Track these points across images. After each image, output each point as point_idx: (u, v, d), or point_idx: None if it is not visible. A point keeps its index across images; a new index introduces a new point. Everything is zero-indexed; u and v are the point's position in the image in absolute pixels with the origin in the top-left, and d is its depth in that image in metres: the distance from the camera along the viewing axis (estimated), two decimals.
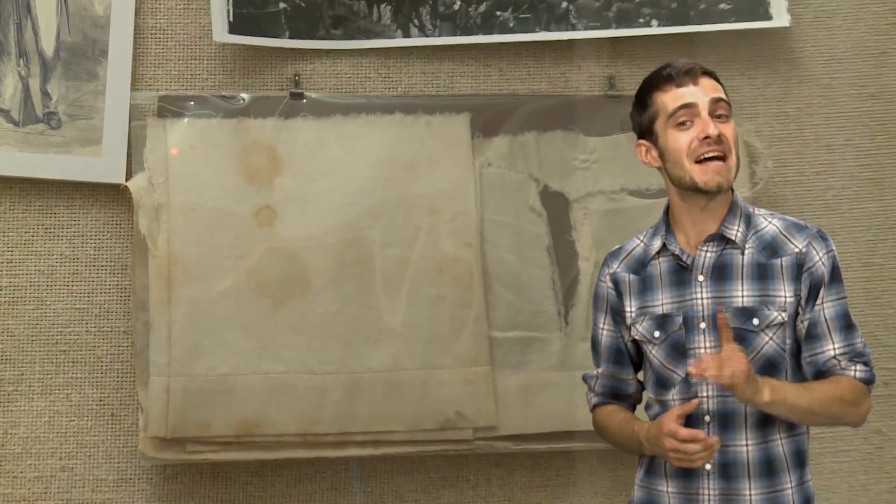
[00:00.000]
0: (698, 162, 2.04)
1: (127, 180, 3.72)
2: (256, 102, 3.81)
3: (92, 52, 3.73)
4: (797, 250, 2.08)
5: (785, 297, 2.08)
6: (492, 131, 3.83)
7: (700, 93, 2.06)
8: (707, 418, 2.08)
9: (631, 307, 2.20)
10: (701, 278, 2.11)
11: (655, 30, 3.82)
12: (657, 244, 2.17)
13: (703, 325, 2.09)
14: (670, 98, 2.08)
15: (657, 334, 2.14)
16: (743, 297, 2.08)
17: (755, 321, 2.07)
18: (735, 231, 2.09)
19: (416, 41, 3.83)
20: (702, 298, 2.11)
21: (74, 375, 3.82)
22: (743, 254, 2.08)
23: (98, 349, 3.82)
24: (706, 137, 2.02)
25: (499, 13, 3.80)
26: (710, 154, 2.03)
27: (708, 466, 2.10)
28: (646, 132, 2.16)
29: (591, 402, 2.37)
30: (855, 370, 2.08)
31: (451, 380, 3.73)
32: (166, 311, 3.64)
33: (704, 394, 2.08)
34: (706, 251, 2.11)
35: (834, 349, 2.07)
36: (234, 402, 3.64)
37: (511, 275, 3.77)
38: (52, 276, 3.81)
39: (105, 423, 3.80)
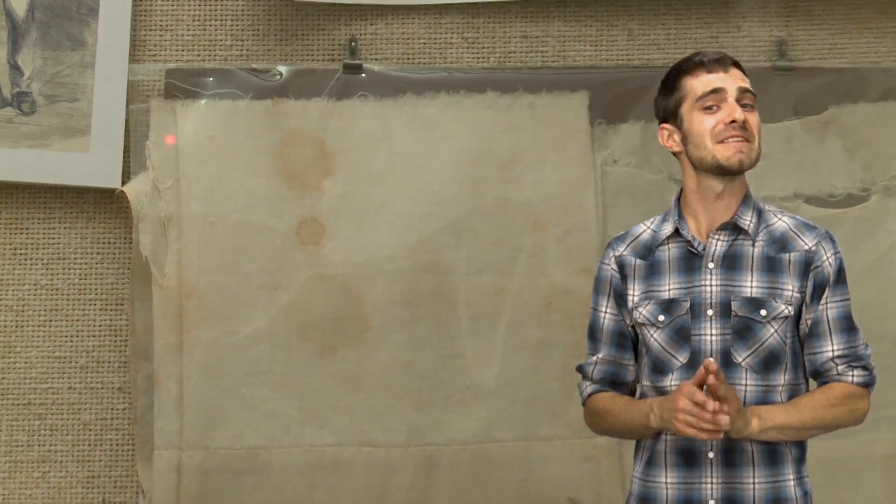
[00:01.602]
0: (721, 142, 2.37)
1: (123, 184, 3.63)
2: (298, 78, 3.70)
3: (77, 10, 3.63)
4: (806, 247, 2.41)
5: (792, 291, 2.40)
6: (618, 116, 3.69)
7: (729, 80, 2.40)
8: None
9: (634, 291, 2.50)
10: (711, 266, 2.41)
11: None
12: (668, 229, 2.48)
13: (710, 312, 2.40)
14: (700, 83, 2.41)
15: (661, 318, 2.43)
16: (752, 287, 2.39)
17: (763, 312, 2.38)
18: (748, 221, 2.42)
19: None
20: (711, 286, 2.41)
21: (53, 447, 3.68)
22: (754, 245, 2.41)
23: (84, 412, 3.69)
24: (732, 122, 2.36)
25: None
26: (734, 138, 2.37)
27: (711, 455, 2.37)
28: (670, 116, 2.48)
29: (586, 392, 2.60)
30: (853, 375, 2.39)
31: (562, 455, 3.60)
32: (177, 360, 3.56)
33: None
34: (718, 239, 2.42)
35: (833, 351, 2.40)
36: (269, 485, 3.55)
37: None
38: (24, 314, 3.69)
39: None
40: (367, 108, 3.69)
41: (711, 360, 2.29)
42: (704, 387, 2.30)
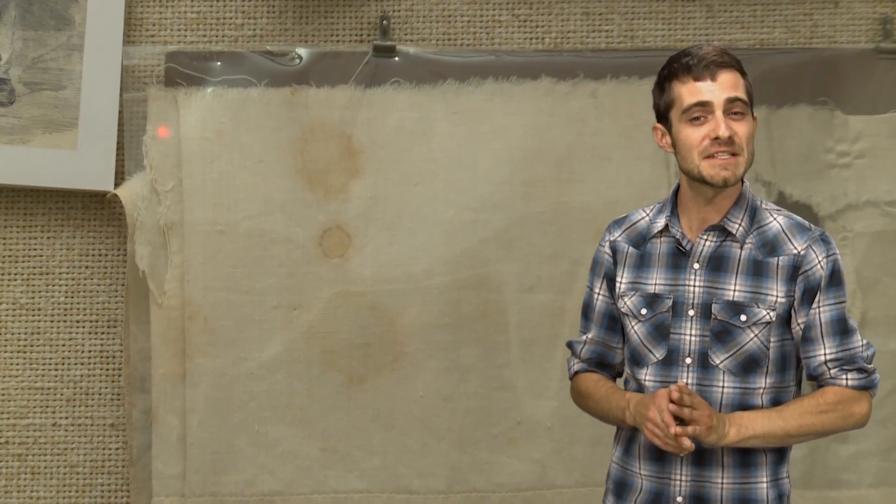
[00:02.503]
0: (707, 157, 2.58)
1: (117, 186, 3.61)
2: (321, 62, 3.69)
3: None
4: (795, 252, 2.61)
5: (777, 296, 2.60)
6: None
7: (717, 90, 2.57)
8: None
9: (622, 278, 2.75)
10: (696, 266, 2.64)
11: None
12: (660, 224, 2.71)
13: (691, 312, 2.63)
14: (687, 91, 2.59)
15: (644, 311, 2.68)
16: (735, 290, 2.60)
17: (743, 317, 2.59)
18: (737, 225, 2.63)
19: None
20: (694, 286, 2.63)
21: (35, 493, 3.66)
22: (742, 248, 2.63)
23: (71, 452, 3.68)
24: (716, 138, 2.55)
25: None
26: (720, 153, 2.57)
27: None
28: (661, 117, 2.68)
29: (574, 369, 2.86)
30: (847, 378, 2.58)
31: None
32: (179, 392, 3.56)
33: (681, 381, 2.62)
34: (706, 240, 2.64)
35: (825, 354, 2.59)
36: None
37: None
38: (0, 338, 3.67)
39: None
40: (401, 97, 3.66)
41: (674, 387, 2.49)
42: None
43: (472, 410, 3.59)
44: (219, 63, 3.64)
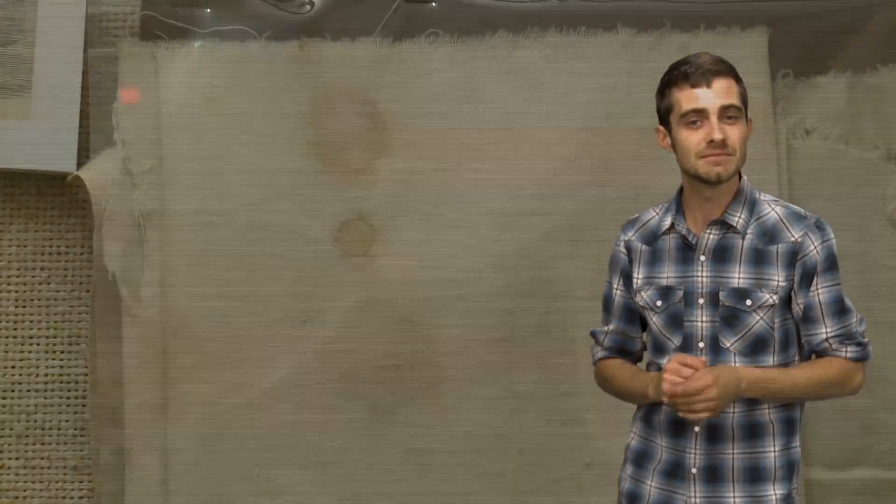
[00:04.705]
0: (702, 157, 3.04)
1: (80, 166, 3.62)
2: (339, 9, 3.71)
3: None
4: (793, 239, 3.07)
5: (778, 281, 3.06)
6: (814, 66, 3.73)
7: (712, 97, 3.04)
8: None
9: (638, 274, 3.20)
10: (703, 258, 3.10)
11: None
12: (668, 222, 3.17)
13: (701, 300, 3.09)
14: (684, 97, 3.05)
15: (659, 303, 3.12)
16: (739, 278, 3.07)
17: (748, 302, 3.06)
18: (737, 218, 3.11)
19: None
20: (702, 276, 3.09)
21: None
22: (743, 239, 3.09)
23: (24, 502, 3.65)
24: (711, 141, 3.02)
25: None
26: (713, 155, 3.02)
27: (696, 428, 3.04)
28: (663, 120, 3.12)
29: (597, 356, 3.30)
30: (846, 351, 3.07)
31: None
32: (159, 427, 3.57)
33: None
34: (710, 234, 3.11)
35: (826, 332, 3.07)
36: None
37: None
38: None
39: None
40: (439, 53, 3.67)
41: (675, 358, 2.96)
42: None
43: (529, 450, 3.62)
44: (209, 10, 3.67)
